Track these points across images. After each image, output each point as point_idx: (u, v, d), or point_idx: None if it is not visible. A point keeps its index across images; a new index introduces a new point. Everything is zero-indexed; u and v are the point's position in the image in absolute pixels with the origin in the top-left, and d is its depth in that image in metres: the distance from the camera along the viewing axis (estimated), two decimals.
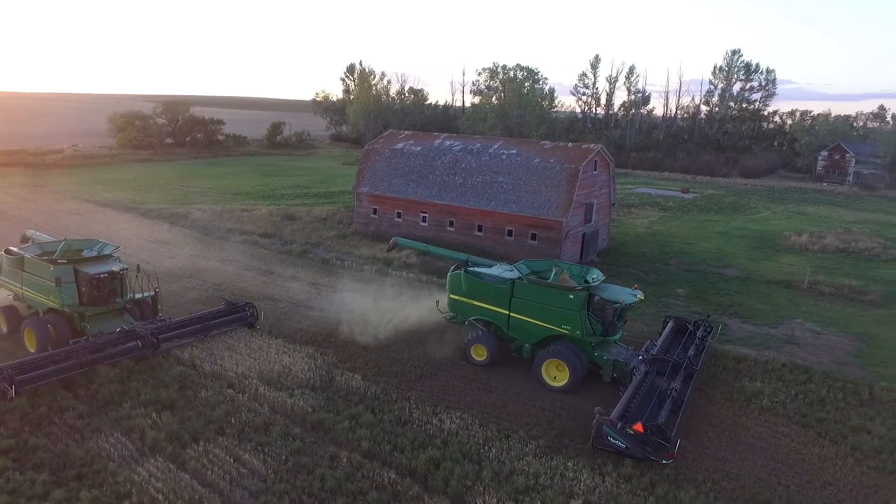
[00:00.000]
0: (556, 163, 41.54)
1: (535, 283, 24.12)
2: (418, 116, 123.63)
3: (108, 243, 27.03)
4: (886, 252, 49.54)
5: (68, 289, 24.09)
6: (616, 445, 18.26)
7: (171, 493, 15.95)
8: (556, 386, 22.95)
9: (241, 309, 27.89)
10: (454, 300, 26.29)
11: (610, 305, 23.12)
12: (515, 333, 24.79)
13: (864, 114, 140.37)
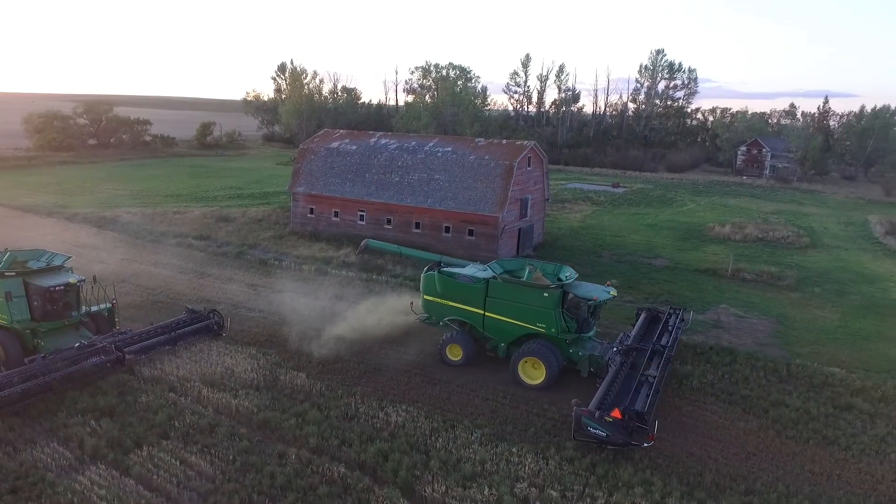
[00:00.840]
0: (490, 160, 42.32)
1: (510, 282, 24.32)
2: (352, 115, 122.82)
3: (58, 253, 25.39)
4: (800, 240, 52.61)
5: (18, 304, 22.53)
6: (597, 435, 18.56)
7: (115, 499, 15.71)
8: (533, 384, 23.07)
9: (204, 317, 26.80)
10: (428, 301, 26.16)
11: (584, 302, 23.52)
12: (491, 333, 24.90)
13: (778, 111, 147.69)
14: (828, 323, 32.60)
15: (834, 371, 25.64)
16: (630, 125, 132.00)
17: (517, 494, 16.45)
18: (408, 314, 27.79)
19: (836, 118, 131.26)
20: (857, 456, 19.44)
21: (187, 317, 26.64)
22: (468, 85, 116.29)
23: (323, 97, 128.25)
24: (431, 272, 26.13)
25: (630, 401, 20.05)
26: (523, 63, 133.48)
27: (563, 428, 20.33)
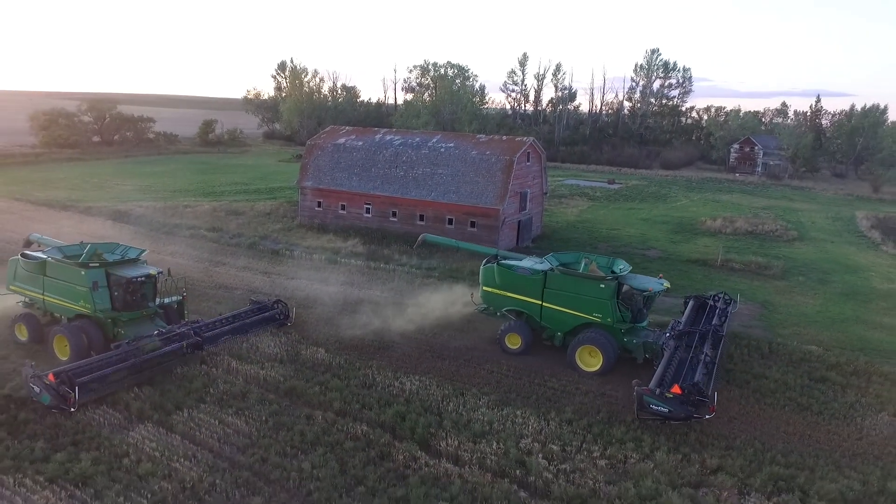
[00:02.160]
0: (491, 155, 44.32)
1: (568, 273, 25.36)
2: (351, 114, 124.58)
3: (132, 247, 26.39)
4: (787, 234, 54.78)
5: (102, 294, 23.35)
6: (659, 412, 19.66)
7: (165, 450, 17.67)
8: (590, 370, 24.13)
9: (269, 307, 27.68)
10: (487, 292, 27.24)
11: (638, 294, 24.80)
12: (548, 322, 25.89)
13: (771, 110, 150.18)
14: (809, 308, 34.67)
15: (812, 349, 27.72)
16: (626, 123, 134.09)
17: (522, 448, 18.46)
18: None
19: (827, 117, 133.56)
20: (827, 420, 21.50)
21: (253, 307, 27.58)
22: (466, 83, 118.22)
23: (322, 95, 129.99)
24: (491, 265, 27.20)
25: (687, 377, 21.04)
26: (521, 62, 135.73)
27: (562, 395, 22.41)
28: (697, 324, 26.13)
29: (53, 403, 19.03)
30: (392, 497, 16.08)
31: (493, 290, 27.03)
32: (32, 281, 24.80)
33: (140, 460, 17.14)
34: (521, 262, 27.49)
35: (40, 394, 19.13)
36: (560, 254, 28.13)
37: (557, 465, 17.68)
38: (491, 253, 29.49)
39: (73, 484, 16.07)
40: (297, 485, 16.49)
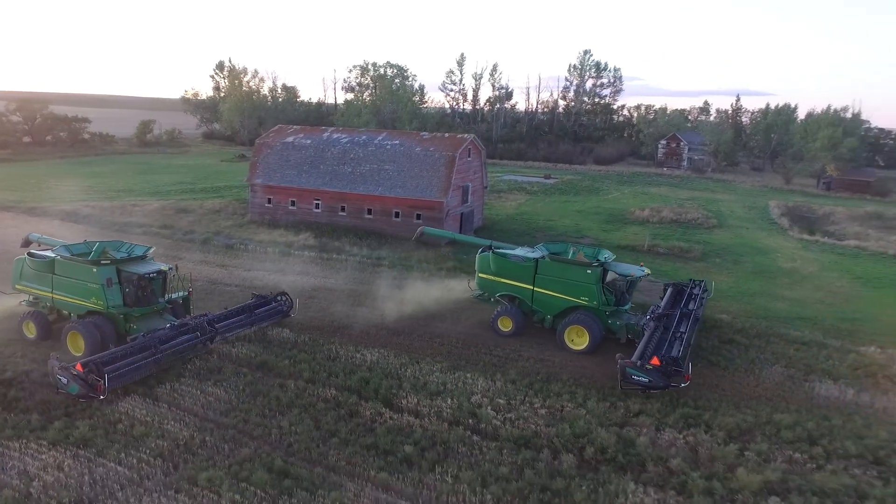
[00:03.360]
0: (435, 151, 47.03)
1: (558, 260, 27.60)
2: (292, 113, 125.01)
3: (137, 244, 27.08)
4: (708, 222, 59.50)
5: (114, 290, 23.92)
6: (640, 381, 21.84)
7: (155, 416, 19.66)
8: (578, 349, 26.32)
9: (273, 300, 28.53)
10: (483, 279, 29.23)
11: (622, 279, 27.28)
12: (539, 306, 27.95)
13: (695, 108, 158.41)
14: (723, 284, 38.68)
15: (723, 317, 31.52)
16: (560, 121, 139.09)
17: (473, 403, 21.21)
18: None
19: (747, 115, 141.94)
20: (731, 372, 25.08)
21: (257, 300, 28.41)
22: (405, 83, 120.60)
23: (262, 95, 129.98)
24: (486, 253, 29.19)
25: (665, 351, 23.32)
26: (458, 62, 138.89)
27: (506, 361, 25.29)
28: (676, 307, 28.54)
29: (82, 392, 19.78)
30: (363, 444, 18.57)
31: (488, 277, 29.02)
32: (40, 279, 25.09)
33: (133, 425, 19.09)
34: (513, 250, 29.58)
35: (68, 384, 19.85)
36: (550, 243, 30.49)
37: (504, 415, 20.53)
38: (486, 244, 31.48)
39: (76, 445, 17.93)
40: (279, 439, 18.79)
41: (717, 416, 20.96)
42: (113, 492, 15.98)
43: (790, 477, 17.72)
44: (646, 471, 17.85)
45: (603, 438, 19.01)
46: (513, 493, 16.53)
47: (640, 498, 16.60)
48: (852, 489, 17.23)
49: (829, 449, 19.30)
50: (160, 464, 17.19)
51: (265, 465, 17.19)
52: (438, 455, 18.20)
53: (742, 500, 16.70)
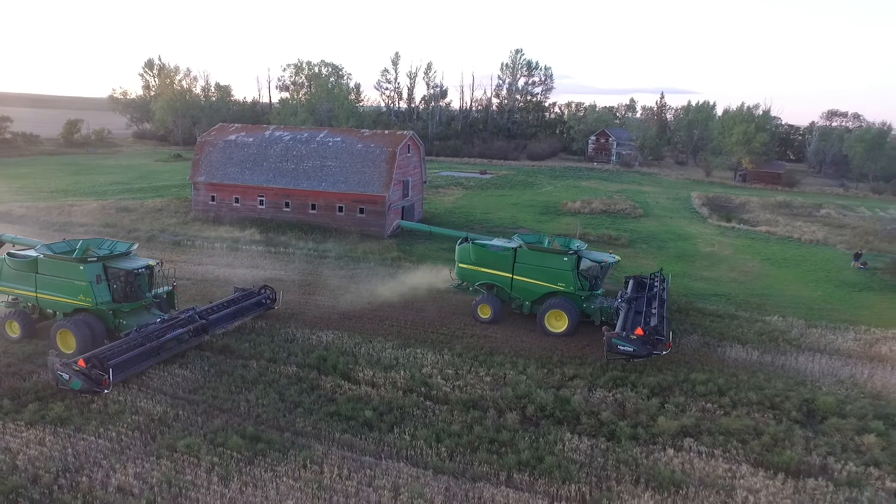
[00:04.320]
0: (376, 147, 48.73)
1: (536, 249, 29.05)
2: (226, 113, 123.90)
3: (119, 241, 27.10)
4: (635, 212, 63.37)
5: (102, 287, 24.02)
6: (625, 351, 23.74)
7: (127, 396, 20.82)
8: (557, 332, 27.96)
9: (256, 293, 29.06)
10: (463, 269, 30.43)
11: (595, 266, 28.88)
12: (517, 293, 29.41)
13: (623, 105, 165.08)
14: (648, 268, 41.86)
15: None
16: (494, 118, 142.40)
17: (424, 374, 23.21)
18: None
19: (671, 112, 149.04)
20: None
21: (241, 294, 28.85)
22: (341, 82, 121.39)
23: (194, 94, 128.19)
24: (466, 244, 30.38)
25: (646, 324, 25.41)
26: (393, 61, 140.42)
27: (452, 339, 27.38)
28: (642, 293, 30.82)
29: (85, 387, 19.99)
30: (326, 412, 20.31)
31: (468, 267, 30.28)
32: (23, 279, 24.94)
33: (107, 404, 20.22)
34: (491, 241, 31.10)
35: (70, 380, 20.05)
36: (524, 234, 32.16)
37: (453, 382, 22.62)
38: (462, 235, 32.95)
39: (53, 424, 18.97)
40: (247, 411, 20.31)
41: (642, 377, 23.64)
42: (97, 461, 17.23)
43: (702, 422, 20.49)
44: (580, 423, 20.27)
45: (542, 398, 21.35)
46: (464, 446, 18.63)
47: (575, 444, 19.00)
48: (752, 428, 20.12)
49: (734, 399, 22.22)
50: (139, 436, 18.50)
51: (238, 432, 18.73)
52: (396, 418, 20.12)
53: (662, 441, 19.31)
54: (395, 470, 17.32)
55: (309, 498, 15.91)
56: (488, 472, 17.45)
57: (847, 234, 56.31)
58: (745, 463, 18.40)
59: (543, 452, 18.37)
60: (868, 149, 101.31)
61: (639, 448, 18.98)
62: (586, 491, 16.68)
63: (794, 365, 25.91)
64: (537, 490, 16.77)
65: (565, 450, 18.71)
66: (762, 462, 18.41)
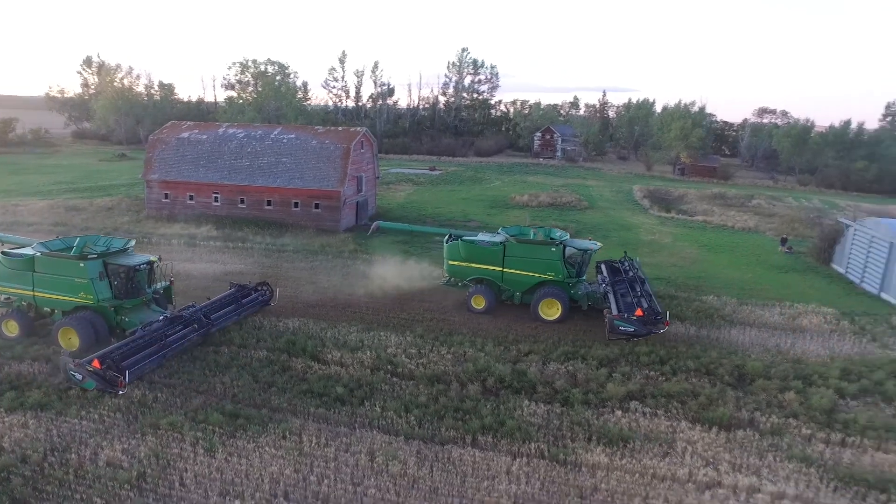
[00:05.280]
0: (330, 143, 49.72)
1: (524, 242, 30.20)
2: (170, 112, 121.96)
3: (114, 237, 26.96)
4: (580, 204, 66.08)
5: (103, 284, 23.99)
6: (626, 331, 25.30)
7: None
8: (551, 319, 29.26)
9: (254, 290, 29.38)
10: (453, 265, 31.20)
11: (579, 253, 30.27)
12: (508, 285, 30.48)
13: (566, 103, 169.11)
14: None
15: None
16: (442, 116, 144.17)
17: (389, 353, 24.62)
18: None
19: (612, 109, 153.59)
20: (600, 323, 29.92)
21: (238, 291, 29.01)
22: (287, 80, 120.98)
23: (136, 93, 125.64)
24: (455, 242, 31.24)
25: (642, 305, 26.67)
26: (340, 59, 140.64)
27: (413, 322, 28.84)
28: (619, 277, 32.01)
29: (100, 388, 19.96)
30: (299, 390, 21.51)
31: (458, 263, 31.13)
32: (19, 278, 24.68)
33: (84, 390, 20.92)
34: (477, 236, 32.16)
35: (83, 380, 20.05)
36: (507, 228, 33.30)
37: (417, 360, 24.12)
38: (444, 232, 33.78)
39: (34, 409, 19.62)
40: (223, 392, 21.35)
41: (591, 351, 25.61)
42: (83, 440, 18.04)
43: (646, 387, 22.54)
44: (536, 392, 22.04)
45: (500, 371, 23.05)
46: (431, 415, 20.15)
47: (533, 410, 20.76)
48: (690, 391, 22.27)
49: (674, 367, 24.40)
50: (121, 417, 19.35)
51: (217, 409, 19.79)
52: (365, 393, 21.48)
53: (611, 405, 21.26)
54: (370, 437, 18.72)
55: (291, 464, 17.16)
56: (455, 436, 19.02)
57: (775, 222, 60.12)
58: (684, 420, 20.49)
59: (504, 417, 20.05)
60: (794, 143, 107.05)
61: (590, 411, 20.86)
62: (545, 448, 18.42)
63: (727, 337, 28.34)
64: (500, 449, 18.43)
65: (524, 414, 20.45)
66: (699, 419, 20.53)
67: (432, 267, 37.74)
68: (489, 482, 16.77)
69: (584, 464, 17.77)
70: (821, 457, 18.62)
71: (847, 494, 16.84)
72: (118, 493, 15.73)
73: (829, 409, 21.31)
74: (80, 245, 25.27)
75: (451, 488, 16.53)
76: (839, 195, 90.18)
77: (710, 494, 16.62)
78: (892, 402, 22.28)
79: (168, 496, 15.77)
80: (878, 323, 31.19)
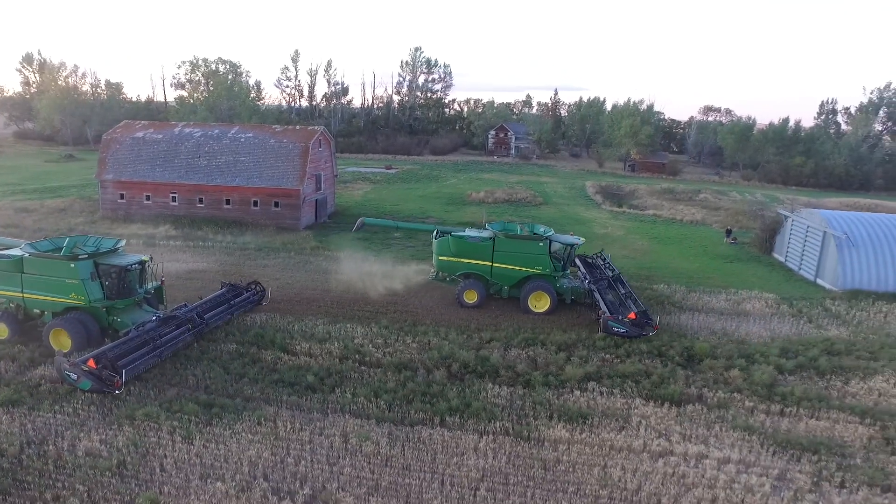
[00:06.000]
0: (288, 142, 50.02)
1: (512, 237, 31.16)
2: (118, 111, 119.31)
3: (103, 238, 26.81)
4: (535, 200, 67.77)
5: (95, 284, 23.76)
6: (619, 332, 26.49)
7: None
8: (540, 311, 30.24)
9: (245, 290, 29.53)
10: (443, 261, 31.82)
11: (564, 249, 31.33)
12: (497, 279, 31.26)
13: (519, 101, 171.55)
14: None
15: None
16: (396, 115, 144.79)
17: (356, 344, 25.40)
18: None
19: (564, 107, 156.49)
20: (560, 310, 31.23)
21: (229, 290, 29.07)
22: (239, 79, 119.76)
23: (82, 92, 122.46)
24: (445, 238, 31.84)
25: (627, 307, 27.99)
26: (293, 59, 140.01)
27: (377, 314, 29.64)
28: (597, 273, 32.66)
29: (95, 388, 19.93)
30: (271, 380, 22.12)
31: (448, 259, 31.81)
32: (7, 280, 24.34)
33: (56, 386, 21.09)
34: (465, 232, 32.94)
35: (78, 380, 19.97)
36: (494, 223, 34.13)
37: (383, 349, 24.97)
38: (430, 229, 34.40)
39: (5, 406, 19.75)
40: (196, 384, 21.80)
41: (550, 337, 26.88)
42: (59, 432, 18.34)
43: (602, 369, 23.91)
44: (499, 375, 23.16)
45: (465, 357, 24.08)
46: (400, 399, 21.05)
47: (497, 392, 21.86)
48: (643, 371, 23.72)
49: (628, 350, 25.84)
50: (95, 410, 19.66)
51: (192, 400, 20.27)
52: (335, 381, 22.24)
53: (570, 386, 22.50)
54: (342, 421, 19.51)
55: (268, 448, 17.84)
56: (424, 417, 19.96)
57: (721, 215, 62.80)
58: (638, 397, 21.87)
59: (470, 399, 21.08)
60: (738, 140, 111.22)
61: (551, 392, 22.06)
62: (509, 426, 19.52)
63: (677, 322, 29.99)
64: (468, 428, 19.44)
65: (488, 396, 21.52)
66: (652, 396, 21.94)
67: (394, 262, 38.57)
68: (458, 458, 17.77)
69: (546, 439, 18.93)
70: (762, 426, 20.22)
71: (784, 457, 18.42)
72: (100, 481, 16.16)
73: (770, 384, 23.00)
74: (69, 245, 25.10)
75: (423, 464, 17.47)
76: (780, 189, 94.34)
77: (663, 462, 17.95)
78: (824, 376, 24.18)
79: (150, 481, 16.29)
80: (814, 306, 33.39)
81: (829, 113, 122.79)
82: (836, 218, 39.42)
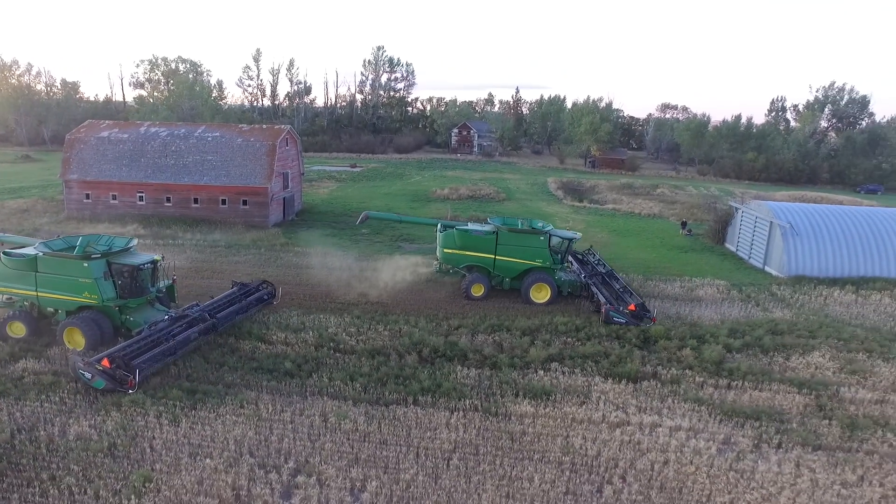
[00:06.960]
0: (255, 141, 50.62)
1: (515, 231, 32.27)
2: (75, 111, 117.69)
3: (115, 237, 26.98)
4: (499, 196, 69.43)
5: (108, 283, 23.95)
6: (619, 321, 28.05)
7: (55, 371, 22.38)
8: (542, 302, 31.59)
9: (255, 289, 29.78)
10: (448, 254, 32.83)
11: (563, 243, 32.49)
12: (500, 272, 32.45)
13: (481, 100, 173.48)
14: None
15: None
16: (360, 114, 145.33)
17: (330, 333, 26.48)
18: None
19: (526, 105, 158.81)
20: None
21: (240, 289, 29.36)
22: (200, 78, 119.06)
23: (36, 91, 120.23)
24: (450, 231, 32.97)
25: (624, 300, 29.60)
26: (255, 58, 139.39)
27: (349, 306, 30.72)
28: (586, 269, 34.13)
29: (109, 387, 20.28)
30: (250, 368, 23.11)
31: (453, 251, 32.86)
32: (21, 279, 24.46)
33: (39, 378, 21.72)
34: (468, 225, 34.13)
35: (92, 379, 20.29)
36: (494, 218, 35.20)
37: (356, 337, 26.14)
38: (433, 223, 35.57)
39: None
40: (177, 373, 22.65)
41: (515, 323, 28.38)
42: (48, 419, 19.08)
43: (564, 351, 25.48)
44: (468, 359, 24.53)
45: (434, 343, 25.40)
46: (375, 382, 22.27)
47: (465, 373, 23.23)
48: (602, 352, 25.37)
49: (589, 333, 27.50)
50: (81, 398, 20.40)
51: (175, 387, 21.16)
52: (312, 367, 23.33)
53: (534, 366, 23.99)
54: (321, 403, 20.64)
55: (252, 428, 18.89)
56: (398, 398, 21.22)
57: (677, 208, 65.33)
58: (597, 376, 23.47)
59: (440, 381, 22.40)
60: (693, 137, 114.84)
61: (516, 372, 23.52)
62: (478, 403, 20.90)
63: None
64: (439, 406, 20.76)
65: (458, 378, 22.87)
66: (610, 374, 23.57)
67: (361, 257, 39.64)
68: (431, 432, 19.08)
69: (512, 414, 20.36)
70: (710, 398, 22.00)
71: (729, 424, 20.19)
72: (93, 461, 17.03)
73: (719, 361, 24.85)
74: (82, 244, 25.36)
75: (399, 439, 18.74)
76: (734, 184, 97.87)
77: (620, 431, 19.53)
78: (768, 353, 26.19)
79: (141, 460, 17.21)
80: (761, 291, 35.61)
81: (779, 110, 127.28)
82: (782, 209, 41.83)
